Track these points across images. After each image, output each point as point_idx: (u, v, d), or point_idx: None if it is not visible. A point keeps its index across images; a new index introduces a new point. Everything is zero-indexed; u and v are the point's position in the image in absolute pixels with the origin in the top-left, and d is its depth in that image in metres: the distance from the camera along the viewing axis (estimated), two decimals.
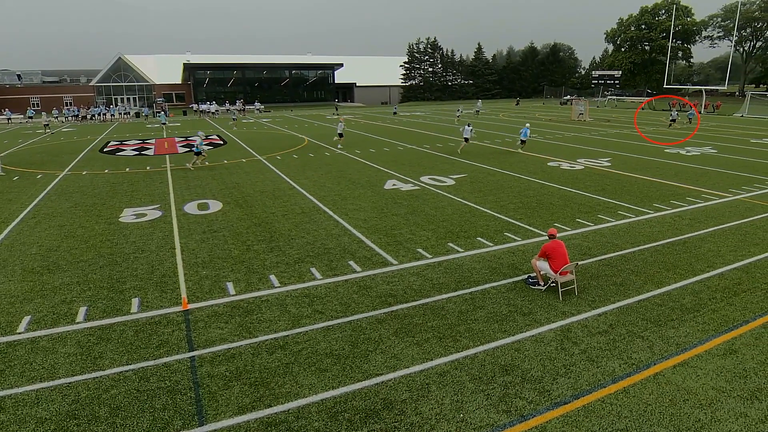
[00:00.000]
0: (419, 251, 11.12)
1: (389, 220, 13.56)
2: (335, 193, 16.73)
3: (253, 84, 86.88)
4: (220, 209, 14.92)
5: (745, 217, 13.67)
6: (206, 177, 19.93)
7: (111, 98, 77.05)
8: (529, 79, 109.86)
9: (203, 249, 11.41)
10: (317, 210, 14.69)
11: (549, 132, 36.57)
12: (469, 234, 12.29)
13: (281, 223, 13.33)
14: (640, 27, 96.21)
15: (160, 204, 15.65)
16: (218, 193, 17.01)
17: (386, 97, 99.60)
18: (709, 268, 10.07)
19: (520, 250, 11.22)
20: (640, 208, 14.63)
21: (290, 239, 12.02)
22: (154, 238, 12.24)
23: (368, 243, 11.71)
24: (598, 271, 9.97)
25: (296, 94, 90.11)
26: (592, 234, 12.30)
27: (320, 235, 12.34)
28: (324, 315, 8.23)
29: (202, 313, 8.32)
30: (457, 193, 16.62)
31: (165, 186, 18.35)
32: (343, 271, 10.06)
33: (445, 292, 9.03)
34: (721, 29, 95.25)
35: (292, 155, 25.70)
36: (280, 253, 11.06)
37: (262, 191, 17.23)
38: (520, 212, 14.23)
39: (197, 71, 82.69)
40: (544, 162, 22.77)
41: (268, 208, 14.91)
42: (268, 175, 20.29)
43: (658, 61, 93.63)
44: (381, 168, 21.52)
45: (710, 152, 25.81)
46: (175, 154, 26.63)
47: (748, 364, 6.77)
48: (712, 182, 18.15)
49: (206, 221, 13.64)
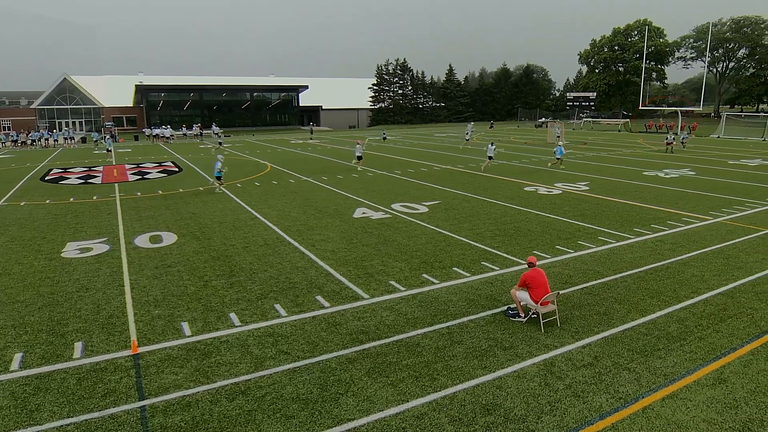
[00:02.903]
0: (392, 284, 11.08)
1: (359, 250, 13.52)
2: (301, 223, 16.64)
3: (211, 107, 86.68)
4: (175, 242, 14.63)
5: (727, 240, 14.14)
6: (159, 207, 19.58)
7: (54, 122, 75.55)
8: (503, 101, 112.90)
9: (155, 286, 11.13)
10: (281, 241, 14.55)
11: (525, 155, 37.43)
12: (444, 264, 12.34)
13: (242, 256, 13.14)
14: (613, 48, 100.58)
15: (108, 237, 15.26)
16: (173, 225, 16.71)
17: (354, 121, 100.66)
18: (693, 294, 10.32)
19: (499, 279, 11.30)
20: (620, 233, 14.99)
21: (252, 273, 11.84)
22: (100, 274, 11.89)
23: (337, 276, 11.62)
24: (580, 300, 10.10)
25: (258, 117, 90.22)
26: (572, 261, 12.50)
27: (285, 268, 12.20)
28: (290, 356, 8.06)
29: (154, 357, 8.05)
30: (430, 220, 16.73)
31: (113, 217, 17.93)
32: (310, 307, 9.93)
33: (421, 327, 8.98)
34: (693, 50, 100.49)
35: (254, 183, 25.54)
36: (241, 289, 10.87)
37: (221, 222, 17.01)
38: (498, 240, 14.39)
39: (150, 93, 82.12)
40: (521, 186, 23.21)
41: (227, 240, 14.70)
42: (227, 204, 20.07)
43: (632, 82, 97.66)
44: (349, 195, 21.55)
45: (689, 174, 26.79)
46: (125, 183, 26.13)
47: (738, 394, 6.90)
48: (692, 205, 18.78)
49: (159, 255, 13.35)
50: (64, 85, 77.21)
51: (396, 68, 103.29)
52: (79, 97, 78.09)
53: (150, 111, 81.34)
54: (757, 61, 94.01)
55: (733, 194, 20.96)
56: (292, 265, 12.37)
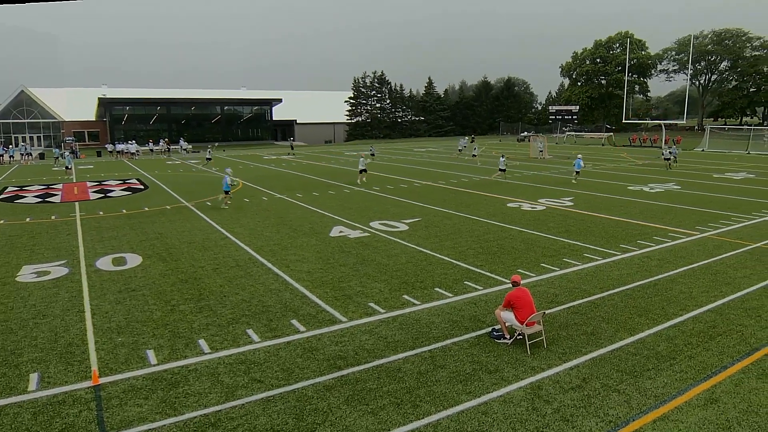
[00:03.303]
0: (371, 306, 11.03)
1: (336, 271, 13.46)
2: (274, 243, 16.53)
3: (179, 121, 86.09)
4: (140, 264, 14.40)
5: (714, 256, 14.43)
6: (123, 227, 19.27)
7: (11, 137, 74.16)
8: (484, 114, 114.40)
9: (119, 311, 10.90)
10: (254, 262, 14.42)
11: (507, 171, 37.83)
12: (425, 284, 12.34)
13: (212, 279, 12.98)
14: (595, 61, 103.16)
15: (68, 259, 14.94)
16: (137, 246, 16.45)
17: (330, 135, 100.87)
18: (682, 311, 10.48)
19: (482, 300, 11.33)
20: (606, 249, 15.19)
21: (222, 297, 11.69)
22: (58, 300, 11.61)
23: (313, 298, 11.53)
24: (567, 320, 10.17)
25: (229, 132, 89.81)
26: (558, 279, 12.61)
27: (257, 291, 12.07)
28: (263, 384, 7.94)
29: (117, 388, 7.85)
30: (411, 239, 16.76)
31: (73, 238, 17.58)
32: (285, 331, 9.82)
33: (402, 351, 8.94)
34: (675, 62, 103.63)
35: (224, 200, 25.31)
36: (211, 314, 10.71)
37: (189, 242, 16.80)
38: (481, 258, 14.46)
39: (114, 107, 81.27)
40: (503, 203, 23.44)
41: (196, 262, 14.52)
42: (196, 223, 19.85)
43: (615, 95, 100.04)
44: (326, 213, 21.51)
45: (674, 189, 27.39)
46: (86, 201, 25.69)
47: (731, 414, 6.98)
48: (678, 220, 19.16)
49: (123, 278, 13.11)
50: (22, 97, 75.99)
51: (373, 81, 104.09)
52: (37, 111, 76.89)
53: (114, 125, 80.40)
54: (739, 74, 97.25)
55: (719, 208, 21.45)
56: (266, 288, 12.25)
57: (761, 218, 19.48)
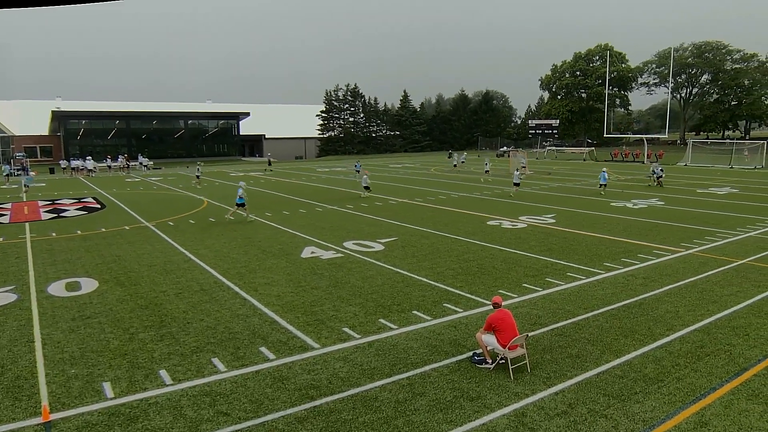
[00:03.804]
0: (345, 331, 10.97)
1: (308, 294, 13.37)
2: (242, 265, 16.37)
3: (139, 136, 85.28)
4: (96, 289, 14.11)
5: (700, 273, 14.74)
6: (78, 249, 18.89)
7: None
8: (462, 129, 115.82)
9: (72, 341, 10.64)
10: (220, 286, 14.25)
11: (486, 187, 38.27)
12: (403, 307, 12.32)
13: (174, 304, 12.77)
14: (575, 74, 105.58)
15: (16, 285, 14.57)
16: (93, 269, 16.13)
17: (300, 151, 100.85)
18: (668, 332, 10.64)
19: (463, 323, 11.35)
20: (590, 268, 15.40)
21: (186, 324, 11.51)
22: (6, 329, 11.30)
23: (283, 324, 11.43)
24: (551, 343, 10.23)
25: (193, 147, 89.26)
26: (541, 300, 12.72)
27: (224, 316, 11.91)
28: (230, 417, 7.80)
29: (70, 425, 7.63)
30: (387, 259, 16.76)
31: (23, 262, 17.17)
32: (253, 360, 9.69)
33: (379, 379, 8.88)
34: (656, 75, 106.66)
35: (188, 220, 25.05)
36: (173, 342, 10.52)
37: (149, 265, 16.54)
38: (460, 279, 14.52)
39: (69, 120, 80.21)
40: (483, 221, 23.64)
41: (157, 286, 14.29)
42: (157, 245, 19.57)
43: (596, 108, 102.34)
44: (296, 233, 21.41)
45: (657, 204, 27.97)
46: (37, 222, 25.14)
47: None
48: (662, 237, 19.54)
49: (77, 305, 12.82)
50: None
51: (346, 94, 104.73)
52: None
53: (69, 140, 79.27)
54: (720, 87, 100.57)
55: (704, 224, 21.95)
56: (232, 313, 12.10)
57: (746, 234, 19.99)
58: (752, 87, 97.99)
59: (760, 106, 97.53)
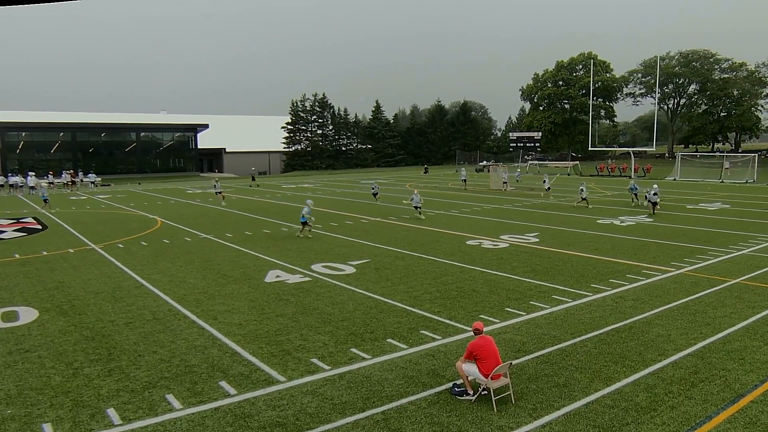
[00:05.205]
0: (314, 362, 10.88)
1: (273, 322, 13.26)
2: (199, 291, 16.17)
3: (86, 149, 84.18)
4: (36, 319, 13.81)
5: (692, 294, 15.01)
6: (15, 275, 18.45)
7: None
8: (438, 142, 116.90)
9: (8, 377, 10.37)
10: (175, 314, 14.04)
11: (465, 204, 38.57)
12: (376, 335, 12.28)
13: (124, 335, 12.55)
14: (557, 83, 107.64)
15: None
16: (33, 297, 15.77)
17: (264, 165, 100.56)
18: (660, 357, 10.77)
19: (441, 351, 11.34)
20: (576, 290, 15.56)
21: (137, 357, 11.30)
22: None
23: (245, 355, 11.29)
24: (536, 371, 10.27)
25: (146, 162, 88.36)
26: (525, 325, 12.79)
27: (179, 348, 11.73)
28: None
29: None
30: (358, 283, 16.72)
31: None
32: (212, 395, 9.55)
33: (351, 414, 8.80)
34: (642, 85, 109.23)
35: (139, 242, 24.70)
36: (123, 377, 10.31)
37: (96, 292, 16.24)
38: (438, 303, 14.54)
39: (7, 132, 78.88)
40: (462, 240, 23.78)
41: (105, 315, 14.03)
42: (105, 269, 19.23)
43: (580, 120, 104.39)
44: (260, 255, 21.26)
45: (646, 221, 28.51)
46: None
47: None
48: (652, 255, 19.89)
49: (14, 337, 12.52)
50: None
51: (314, 104, 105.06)
52: None
53: (7, 154, 77.81)
54: (709, 98, 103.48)
55: (695, 242, 22.42)
56: (189, 344, 11.92)
57: (739, 252, 20.48)
58: (741, 97, 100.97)
59: (750, 117, 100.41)
